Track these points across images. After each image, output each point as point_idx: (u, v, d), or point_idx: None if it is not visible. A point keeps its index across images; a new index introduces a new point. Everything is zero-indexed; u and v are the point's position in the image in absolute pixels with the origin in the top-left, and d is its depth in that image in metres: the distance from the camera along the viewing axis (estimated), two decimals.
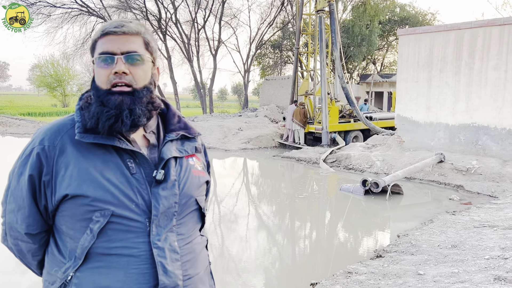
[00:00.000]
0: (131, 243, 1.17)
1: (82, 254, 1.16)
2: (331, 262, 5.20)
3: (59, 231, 1.23)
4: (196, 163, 1.36)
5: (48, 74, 36.33)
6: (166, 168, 1.24)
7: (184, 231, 1.28)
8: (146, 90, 1.24)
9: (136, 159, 1.22)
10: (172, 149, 1.29)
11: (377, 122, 14.61)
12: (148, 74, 1.26)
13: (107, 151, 1.20)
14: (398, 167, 9.55)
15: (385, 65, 34.15)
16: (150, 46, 1.27)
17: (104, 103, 1.18)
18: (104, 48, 1.20)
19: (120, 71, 1.18)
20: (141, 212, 1.18)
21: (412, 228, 5.76)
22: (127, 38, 1.21)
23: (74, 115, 1.25)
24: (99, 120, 1.17)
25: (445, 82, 10.20)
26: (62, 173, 1.16)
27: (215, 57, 25.20)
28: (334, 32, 13.83)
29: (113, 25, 1.21)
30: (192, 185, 1.30)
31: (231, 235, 6.11)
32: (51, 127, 1.23)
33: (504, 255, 4.12)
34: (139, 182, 1.20)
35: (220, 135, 15.34)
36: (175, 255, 1.22)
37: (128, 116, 1.18)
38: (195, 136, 1.40)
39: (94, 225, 1.15)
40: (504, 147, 9.23)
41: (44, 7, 21.01)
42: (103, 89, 1.19)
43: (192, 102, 50.43)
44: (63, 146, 1.19)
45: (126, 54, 1.19)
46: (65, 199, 1.16)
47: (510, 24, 9.13)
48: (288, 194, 8.81)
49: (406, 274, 3.91)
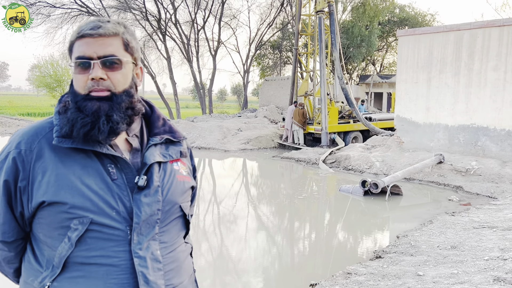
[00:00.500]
0: (111, 252, 1.12)
1: (60, 263, 1.11)
2: (330, 262, 5.20)
3: (36, 239, 1.18)
4: (181, 168, 1.30)
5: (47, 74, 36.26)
6: (149, 173, 1.19)
7: (167, 239, 1.22)
8: (126, 95, 1.17)
9: (117, 164, 1.17)
10: (156, 154, 1.23)
11: (377, 123, 14.61)
12: (128, 77, 1.19)
13: (87, 156, 1.14)
14: (397, 168, 9.55)
15: (385, 66, 34.19)
16: (130, 46, 1.20)
17: (81, 109, 1.12)
18: (80, 52, 1.13)
19: (97, 77, 1.11)
20: (122, 220, 1.13)
21: (411, 229, 5.76)
22: (104, 40, 1.14)
23: (53, 118, 1.19)
24: (73, 126, 1.11)
25: (444, 83, 10.21)
26: (39, 179, 1.11)
27: (214, 58, 25.22)
28: (333, 33, 13.84)
29: (89, 27, 1.14)
30: (176, 191, 1.24)
31: (230, 236, 6.10)
32: (28, 130, 1.17)
33: (503, 256, 4.12)
34: (120, 188, 1.14)
35: (219, 135, 15.33)
36: (157, 264, 1.17)
37: (105, 124, 1.11)
38: (180, 140, 1.34)
39: (72, 233, 1.10)
40: (504, 148, 9.24)
41: (44, 7, 21.03)
42: (81, 94, 1.13)
43: (192, 102, 50.42)
44: (41, 150, 1.13)
45: (103, 59, 1.13)
46: (42, 206, 1.11)
47: (510, 25, 9.14)
48: (287, 194, 8.80)
49: (406, 275, 3.90)
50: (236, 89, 42.96)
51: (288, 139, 14.77)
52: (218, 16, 24.44)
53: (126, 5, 21.86)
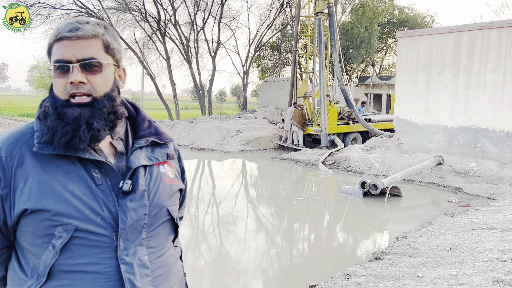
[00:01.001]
0: (97, 259, 1.09)
1: (45, 272, 1.09)
2: (329, 264, 5.20)
3: (21, 247, 1.15)
4: (168, 171, 1.27)
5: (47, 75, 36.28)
6: (135, 177, 1.16)
7: (155, 244, 1.20)
8: (108, 99, 1.14)
9: (101, 169, 1.13)
10: (141, 157, 1.20)
11: (376, 124, 14.62)
12: (110, 80, 1.15)
13: (70, 162, 1.11)
14: (397, 169, 9.56)
15: (384, 67, 34.23)
16: (111, 48, 1.16)
17: (61, 116, 1.09)
18: (59, 55, 1.10)
19: (76, 81, 1.08)
20: (107, 226, 1.10)
21: (410, 230, 5.76)
22: (83, 43, 1.10)
23: (33, 123, 1.16)
24: (54, 135, 1.08)
25: (443, 85, 10.22)
26: (21, 186, 1.08)
27: (214, 59, 25.22)
28: (333, 34, 13.85)
29: (67, 29, 1.10)
30: (163, 195, 1.21)
31: (230, 237, 6.10)
32: (8, 137, 1.14)
33: (502, 258, 4.12)
34: (105, 194, 1.12)
35: (219, 136, 15.33)
36: (145, 270, 1.14)
37: (85, 132, 1.08)
38: (167, 142, 1.30)
39: (57, 241, 1.07)
40: (503, 150, 9.24)
41: (43, 8, 21.02)
42: (61, 99, 1.10)
43: (191, 103, 50.43)
44: (22, 157, 1.10)
45: (82, 62, 1.09)
46: (25, 214, 1.08)
47: (509, 26, 9.15)
48: (287, 196, 8.80)
49: (405, 277, 3.90)
50: (236, 90, 43.01)
51: (287, 140, 14.78)
52: (217, 17, 24.46)
53: (125, 6, 21.87)
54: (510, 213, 6.19)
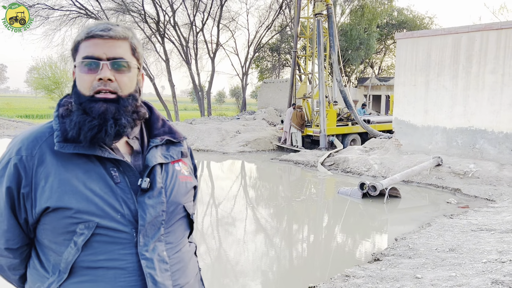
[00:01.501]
0: (118, 255, 1.12)
1: (67, 269, 1.11)
2: (328, 265, 5.19)
3: (41, 245, 1.18)
4: (183, 168, 1.31)
5: (46, 76, 36.25)
6: (152, 175, 1.19)
7: (172, 240, 1.23)
8: (132, 98, 1.18)
9: (119, 168, 1.17)
10: (157, 155, 1.23)
11: (375, 125, 14.64)
12: (134, 81, 1.19)
13: (89, 160, 1.14)
14: (395, 171, 9.56)
15: (383, 68, 34.25)
16: (137, 51, 1.21)
17: (87, 111, 1.12)
18: (89, 52, 1.13)
19: (106, 78, 1.12)
20: (127, 223, 1.13)
21: (409, 231, 5.76)
22: (114, 42, 1.14)
23: (52, 122, 1.18)
24: (81, 130, 1.10)
25: (442, 86, 10.24)
26: (42, 185, 1.10)
27: (213, 60, 25.23)
28: (332, 36, 13.87)
29: (100, 28, 1.14)
30: (179, 192, 1.25)
31: (228, 238, 6.09)
32: (28, 136, 1.16)
33: (501, 259, 4.12)
34: (124, 192, 1.15)
35: (218, 138, 15.33)
36: (164, 265, 1.18)
37: (113, 127, 1.12)
38: (181, 140, 1.34)
39: (78, 238, 1.10)
40: (501, 151, 9.26)
41: (43, 9, 21.02)
42: (86, 95, 1.13)
43: (190, 104, 50.43)
44: (42, 156, 1.12)
45: (113, 60, 1.13)
46: (46, 212, 1.11)
47: (507, 28, 9.17)
48: (286, 197, 8.80)
49: (404, 278, 3.90)
50: (235, 92, 43.02)
51: (286, 142, 14.78)
52: (216, 18, 24.47)
53: (125, 7, 21.88)
54: (509, 214, 6.20)
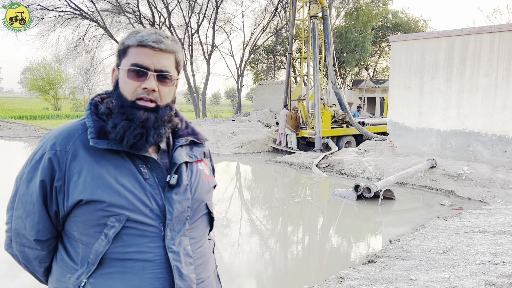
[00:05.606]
0: (146, 247, 1.17)
1: (96, 260, 1.16)
2: (323, 267, 5.20)
3: (70, 237, 1.22)
4: (205, 168, 1.39)
5: (40, 77, 36.08)
6: (178, 173, 1.26)
7: (196, 235, 1.30)
8: (169, 109, 1.26)
9: (148, 165, 1.23)
10: (183, 154, 1.31)
11: (370, 127, 14.69)
12: (172, 93, 1.28)
13: (120, 157, 1.20)
14: (390, 173, 9.60)
15: (378, 71, 34.40)
16: (179, 65, 1.29)
17: (129, 117, 1.18)
18: (139, 60, 1.19)
19: (151, 89, 1.19)
20: (155, 217, 1.19)
21: (404, 233, 5.78)
22: (163, 55, 1.21)
23: (84, 119, 1.24)
24: (124, 134, 1.17)
25: (436, 88, 10.30)
26: (75, 179, 1.16)
27: (208, 62, 25.22)
28: (327, 38, 13.91)
29: (152, 39, 1.20)
30: (202, 190, 1.32)
31: (223, 240, 6.08)
32: (61, 132, 1.22)
33: (494, 261, 4.15)
34: (152, 187, 1.21)
35: (213, 139, 15.31)
36: (189, 259, 1.23)
37: (154, 136, 1.20)
38: (203, 141, 1.43)
39: (109, 230, 1.15)
40: (495, 153, 9.32)
41: (37, 9, 20.92)
42: (128, 99, 1.20)
43: (185, 106, 50.33)
44: (76, 151, 1.18)
45: (159, 72, 1.20)
46: (79, 205, 1.16)
47: (501, 31, 9.25)
48: (280, 199, 8.80)
49: (398, 279, 3.91)
50: (230, 93, 43.00)
51: (281, 143, 14.79)
52: (212, 20, 24.48)
53: (120, 9, 21.82)
54: (502, 216, 6.24)
